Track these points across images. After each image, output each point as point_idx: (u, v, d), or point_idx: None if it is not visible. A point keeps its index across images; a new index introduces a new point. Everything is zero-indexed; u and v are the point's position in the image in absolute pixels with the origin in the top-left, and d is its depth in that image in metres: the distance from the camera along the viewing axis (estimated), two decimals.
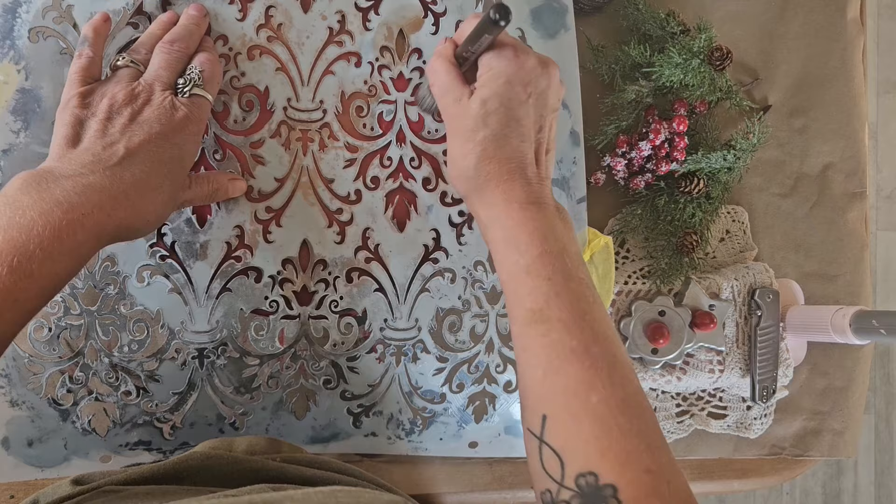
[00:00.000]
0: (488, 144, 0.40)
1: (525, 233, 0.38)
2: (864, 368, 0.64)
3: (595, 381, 0.35)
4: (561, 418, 0.35)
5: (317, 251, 0.50)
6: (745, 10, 0.62)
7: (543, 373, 0.36)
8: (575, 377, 0.35)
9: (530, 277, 0.38)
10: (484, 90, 0.40)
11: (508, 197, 0.39)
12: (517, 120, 0.40)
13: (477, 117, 0.40)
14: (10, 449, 0.46)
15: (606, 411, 0.34)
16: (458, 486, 0.56)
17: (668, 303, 0.57)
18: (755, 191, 0.62)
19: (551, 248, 0.38)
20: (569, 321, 0.36)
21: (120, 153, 0.39)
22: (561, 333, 0.36)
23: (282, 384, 0.50)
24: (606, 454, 0.33)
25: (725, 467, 0.62)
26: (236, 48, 0.48)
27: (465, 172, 0.41)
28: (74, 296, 0.47)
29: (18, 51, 0.46)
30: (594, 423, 0.34)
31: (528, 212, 0.39)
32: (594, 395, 0.34)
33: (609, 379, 0.35)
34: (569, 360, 0.35)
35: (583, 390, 0.35)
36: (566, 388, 0.35)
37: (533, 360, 0.37)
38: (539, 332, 0.37)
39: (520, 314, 0.38)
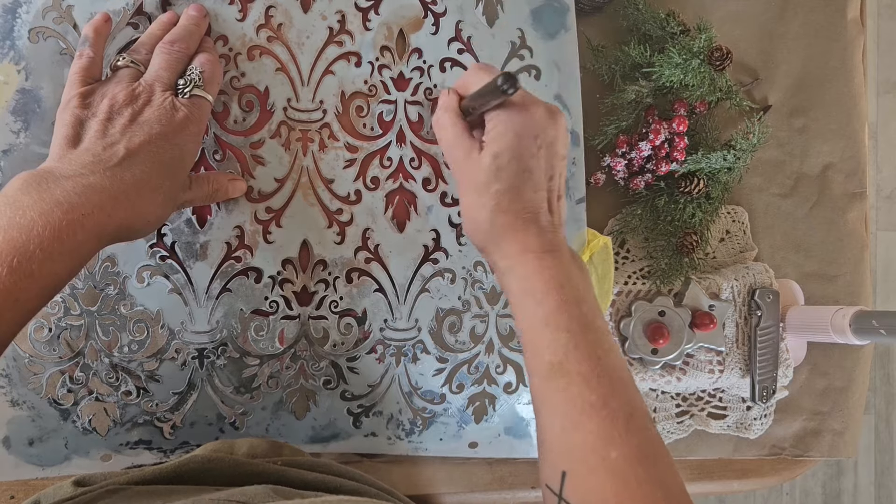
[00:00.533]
0: (502, 198, 0.40)
1: (542, 282, 0.39)
2: (864, 368, 0.64)
3: (614, 434, 0.35)
4: (581, 474, 0.35)
5: (317, 251, 0.50)
6: (745, 10, 0.62)
7: (562, 427, 0.36)
8: (594, 433, 0.35)
9: (549, 329, 0.38)
10: (494, 145, 0.40)
11: (524, 247, 0.40)
12: (529, 171, 0.40)
13: (489, 172, 0.40)
14: (11, 448, 0.46)
15: (626, 465, 0.34)
16: (458, 487, 0.56)
17: (668, 303, 0.57)
18: (755, 191, 0.62)
19: (568, 297, 0.38)
20: (588, 374, 0.36)
21: (120, 153, 0.39)
22: (580, 387, 0.36)
23: (282, 384, 0.50)
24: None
25: (725, 467, 0.62)
26: (236, 48, 0.48)
27: (481, 226, 0.41)
28: (74, 296, 0.47)
29: (18, 51, 0.46)
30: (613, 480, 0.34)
31: (544, 261, 0.39)
32: (613, 451, 0.34)
33: (627, 431, 0.35)
34: (588, 414, 0.35)
35: (602, 446, 0.35)
36: (585, 444, 0.35)
37: (552, 414, 0.37)
38: (559, 387, 0.37)
39: (539, 367, 0.38)
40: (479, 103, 0.41)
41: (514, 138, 0.40)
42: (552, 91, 0.53)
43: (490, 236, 0.41)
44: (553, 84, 0.53)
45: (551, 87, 0.53)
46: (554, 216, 0.42)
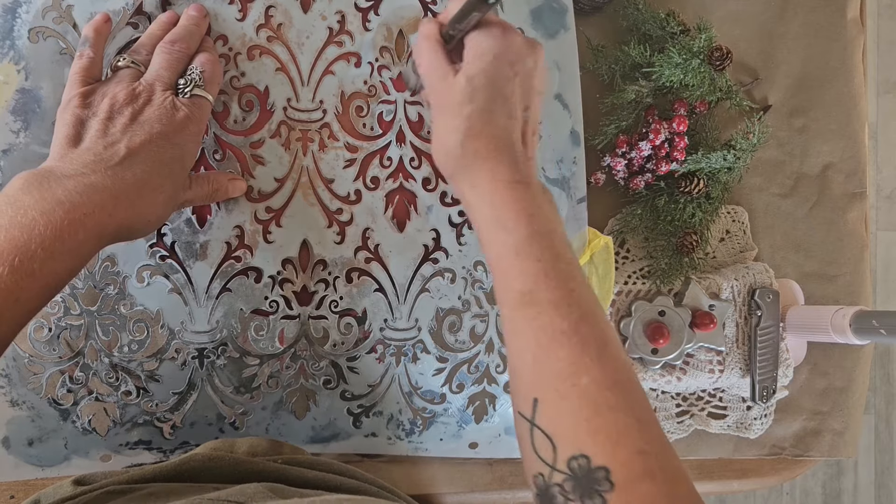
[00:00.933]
0: (475, 120, 0.39)
1: (513, 212, 0.38)
2: (864, 368, 0.64)
3: (585, 361, 0.35)
4: (552, 401, 0.35)
5: (317, 251, 0.50)
6: (744, 10, 0.62)
7: (533, 356, 0.36)
8: (565, 359, 0.35)
9: (519, 259, 0.37)
10: (471, 66, 0.40)
11: (495, 175, 0.39)
12: (504, 97, 0.40)
13: (464, 93, 0.39)
14: (11, 448, 0.46)
15: (597, 391, 0.34)
16: (458, 487, 0.56)
17: (668, 303, 0.57)
18: (755, 191, 0.62)
19: (540, 228, 0.38)
20: (558, 302, 0.36)
21: (121, 153, 0.39)
22: (551, 316, 0.36)
23: (282, 384, 0.50)
24: (598, 436, 0.33)
25: (725, 467, 0.62)
26: (236, 48, 0.48)
27: (452, 150, 0.40)
28: (74, 296, 0.47)
29: (18, 51, 0.46)
30: (585, 405, 0.34)
31: (515, 191, 0.38)
32: (584, 377, 0.34)
33: (598, 359, 0.35)
34: (559, 342, 0.35)
35: (573, 372, 0.34)
36: (557, 371, 0.35)
37: (523, 343, 0.37)
38: (529, 316, 0.36)
39: (509, 297, 0.38)
40: (460, 25, 0.41)
41: (491, 61, 0.39)
42: (552, 91, 0.53)
43: (460, 163, 0.40)
44: (553, 84, 0.53)
45: (552, 87, 0.53)
46: (528, 148, 0.41)
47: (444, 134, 0.41)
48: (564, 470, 0.33)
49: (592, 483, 0.32)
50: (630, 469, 0.32)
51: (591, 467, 0.32)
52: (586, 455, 0.33)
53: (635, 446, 0.33)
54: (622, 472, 0.32)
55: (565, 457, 0.33)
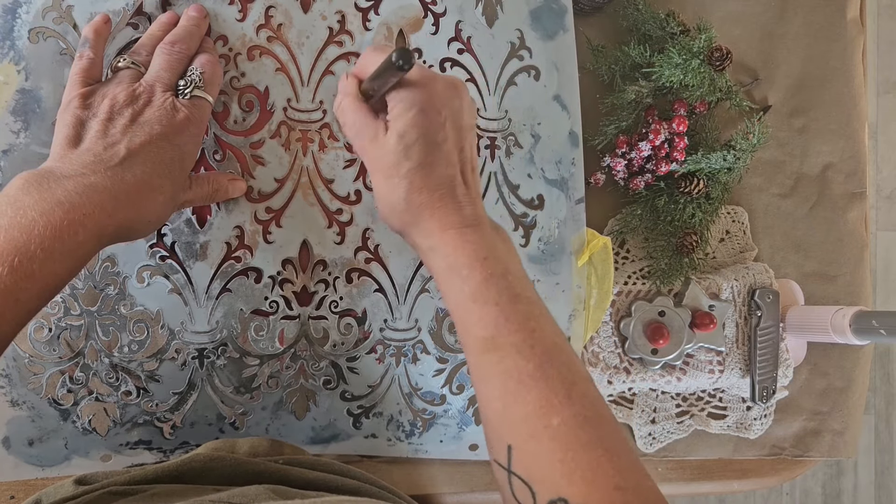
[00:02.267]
0: (414, 176, 0.39)
1: (465, 257, 0.38)
2: (864, 368, 0.64)
3: (554, 402, 0.35)
4: (525, 447, 0.35)
5: (317, 251, 0.50)
6: (744, 10, 0.62)
7: (503, 403, 0.36)
8: (534, 403, 0.35)
9: (477, 305, 0.37)
10: (398, 123, 0.39)
11: (443, 224, 0.39)
12: (437, 146, 0.40)
13: (398, 152, 0.39)
14: (11, 448, 0.46)
15: (567, 431, 0.34)
16: (458, 487, 0.56)
17: (668, 303, 0.57)
18: (755, 191, 0.62)
19: (494, 271, 0.38)
20: (521, 345, 0.36)
21: (121, 154, 0.39)
22: (515, 359, 0.36)
23: (282, 384, 0.50)
24: (573, 476, 0.33)
25: (725, 467, 0.62)
26: (236, 48, 0.48)
27: (396, 207, 0.40)
28: (74, 296, 0.47)
29: (18, 51, 0.46)
30: (558, 447, 0.34)
31: (465, 236, 0.39)
32: (555, 418, 0.34)
33: (568, 398, 0.35)
34: (527, 385, 0.35)
35: (543, 414, 0.34)
36: (527, 415, 0.35)
37: (491, 390, 0.37)
38: (493, 361, 0.36)
39: (471, 343, 0.38)
40: (379, 84, 0.40)
41: (417, 114, 0.39)
42: (551, 92, 0.53)
43: (408, 217, 0.40)
44: (552, 85, 0.53)
45: (550, 88, 0.53)
46: (470, 189, 0.41)
47: (385, 193, 0.41)
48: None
49: None
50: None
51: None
52: (564, 498, 0.33)
53: (611, 483, 0.33)
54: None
55: (544, 500, 0.33)
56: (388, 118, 0.40)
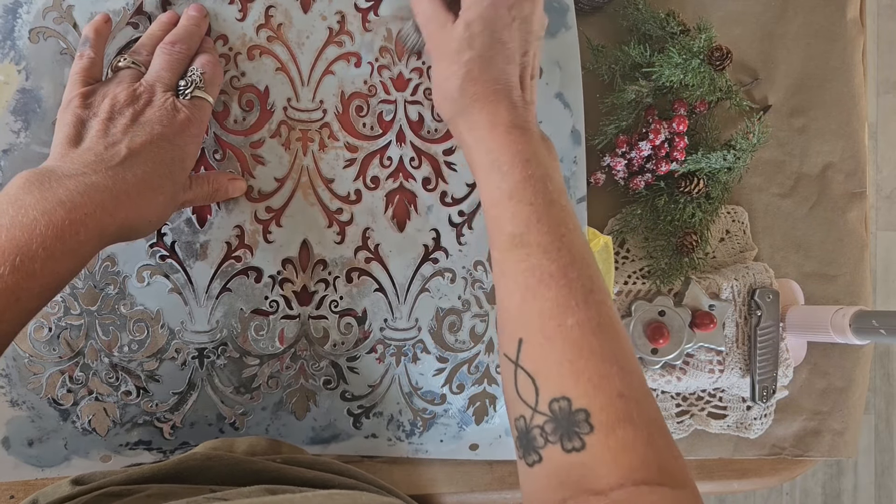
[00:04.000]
0: (473, 65, 0.40)
1: (508, 155, 0.38)
2: (864, 368, 0.64)
3: (571, 303, 0.35)
4: (536, 341, 0.35)
5: (317, 251, 0.50)
6: (744, 10, 0.62)
7: (521, 297, 0.36)
8: (552, 300, 0.35)
9: (512, 202, 0.38)
10: (468, 13, 0.40)
11: (493, 119, 0.39)
12: (502, 42, 0.40)
13: (462, 39, 0.40)
14: (11, 449, 0.46)
15: (580, 334, 0.34)
16: (458, 487, 0.56)
17: (668, 303, 0.57)
18: (755, 191, 0.62)
19: (534, 173, 0.38)
20: (548, 246, 0.36)
21: (122, 153, 0.39)
22: (540, 258, 0.36)
23: (282, 384, 0.50)
24: (580, 378, 0.33)
25: (725, 467, 0.62)
26: (236, 48, 0.48)
27: (450, 94, 0.41)
28: (74, 296, 0.47)
29: (19, 51, 0.46)
30: (569, 346, 0.34)
31: (512, 135, 0.39)
32: (570, 318, 0.34)
33: (585, 302, 0.35)
34: (546, 284, 0.35)
35: (559, 313, 0.35)
36: (542, 312, 0.35)
37: (511, 284, 0.37)
38: (518, 258, 0.37)
39: (500, 239, 0.38)
40: None
41: (488, 7, 0.40)
42: (553, 90, 0.53)
43: (459, 107, 0.40)
44: (554, 82, 0.53)
45: (553, 86, 0.53)
46: (525, 93, 0.41)
47: (443, 79, 0.41)
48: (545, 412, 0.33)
49: (572, 425, 0.32)
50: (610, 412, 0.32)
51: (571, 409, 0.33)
52: (567, 397, 0.33)
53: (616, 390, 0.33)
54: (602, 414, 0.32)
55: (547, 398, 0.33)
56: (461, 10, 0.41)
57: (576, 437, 0.32)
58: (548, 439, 0.33)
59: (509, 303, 0.37)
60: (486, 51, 0.40)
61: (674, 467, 0.32)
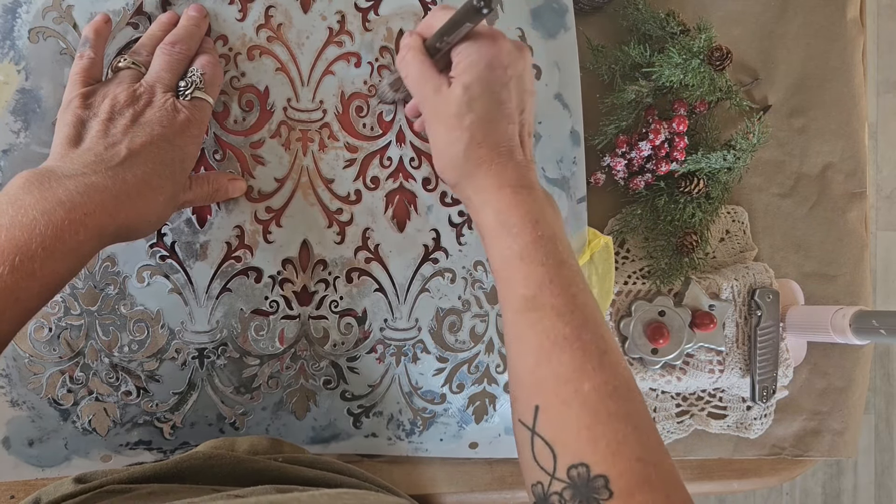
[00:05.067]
0: (476, 130, 0.40)
1: (517, 216, 0.38)
2: (864, 368, 0.64)
3: (587, 367, 0.35)
4: (553, 408, 0.35)
5: (317, 251, 0.50)
6: (744, 10, 0.62)
7: (535, 361, 0.36)
8: (567, 364, 0.35)
9: (524, 263, 0.38)
10: (465, 76, 0.40)
11: (500, 181, 0.39)
12: (501, 103, 0.40)
13: (461, 104, 0.40)
14: (11, 449, 0.46)
15: (598, 399, 0.34)
16: (459, 487, 0.56)
17: (668, 303, 0.57)
18: (755, 191, 0.62)
19: (544, 234, 0.38)
20: (561, 308, 0.36)
21: (122, 154, 0.39)
22: (554, 320, 0.36)
23: (282, 384, 0.50)
24: (598, 444, 0.33)
25: (725, 467, 0.62)
26: (236, 48, 0.48)
27: (454, 161, 0.40)
28: (75, 296, 0.47)
29: (18, 51, 0.46)
30: (586, 412, 0.34)
31: (519, 195, 0.39)
32: (586, 383, 0.34)
33: (601, 365, 0.35)
34: (561, 347, 0.35)
35: (575, 377, 0.35)
36: (558, 376, 0.35)
37: (525, 347, 0.37)
38: (532, 321, 0.37)
39: (513, 301, 0.38)
40: (451, 38, 0.40)
41: (484, 69, 0.39)
42: (552, 91, 0.53)
43: (464, 171, 0.40)
44: (553, 83, 0.53)
45: (552, 87, 0.53)
46: (526, 151, 0.41)
47: (445, 145, 0.41)
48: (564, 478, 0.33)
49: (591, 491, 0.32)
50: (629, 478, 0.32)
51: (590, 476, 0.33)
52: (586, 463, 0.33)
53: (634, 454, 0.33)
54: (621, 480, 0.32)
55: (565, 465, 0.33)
56: (453, 73, 0.41)
57: None
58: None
59: (523, 366, 0.37)
60: (487, 113, 0.40)
61: None
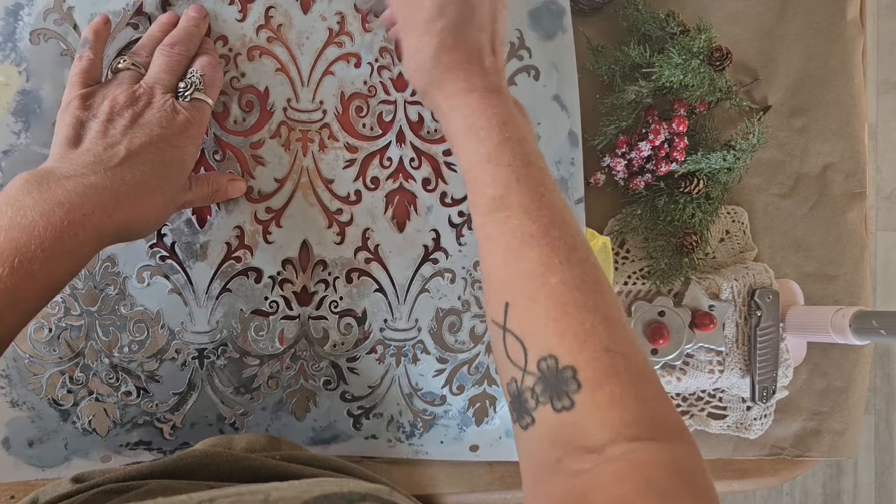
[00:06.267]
0: (446, 35, 0.40)
1: (485, 119, 0.38)
2: (864, 369, 0.64)
3: (554, 262, 0.35)
4: (522, 303, 0.35)
5: (317, 252, 0.50)
6: (744, 10, 0.62)
7: (504, 260, 0.36)
8: (535, 261, 0.35)
9: (491, 165, 0.38)
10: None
11: (469, 86, 0.39)
12: (473, 10, 0.40)
13: (433, 8, 0.40)
14: (11, 449, 0.46)
15: (565, 291, 0.34)
16: (459, 487, 0.56)
17: (668, 303, 0.57)
18: (755, 191, 0.62)
19: (511, 135, 0.38)
20: (528, 206, 0.36)
21: (121, 154, 0.39)
22: (521, 219, 0.36)
23: (282, 385, 0.50)
24: (565, 335, 0.33)
25: (725, 467, 0.62)
26: (236, 49, 0.48)
27: (423, 65, 0.41)
28: (75, 296, 0.47)
29: (20, 53, 0.46)
30: (553, 304, 0.34)
31: (487, 99, 0.39)
32: (553, 276, 0.34)
33: (568, 261, 0.35)
34: (528, 244, 0.35)
35: (542, 273, 0.35)
36: (526, 273, 0.35)
37: (493, 247, 0.37)
38: (500, 220, 0.37)
39: (481, 203, 0.38)
40: None
41: None
42: (551, 92, 0.53)
43: (433, 76, 0.40)
44: (552, 84, 0.53)
45: (550, 88, 0.53)
46: (497, 59, 0.41)
47: (416, 50, 0.41)
48: (535, 371, 0.33)
49: (560, 383, 0.32)
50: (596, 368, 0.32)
51: (558, 367, 0.32)
52: (554, 355, 0.33)
53: (602, 345, 0.33)
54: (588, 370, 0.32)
55: (535, 358, 0.33)
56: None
57: (565, 396, 0.32)
58: (538, 400, 0.33)
59: (493, 265, 0.37)
60: (458, 19, 0.40)
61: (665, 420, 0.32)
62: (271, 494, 0.31)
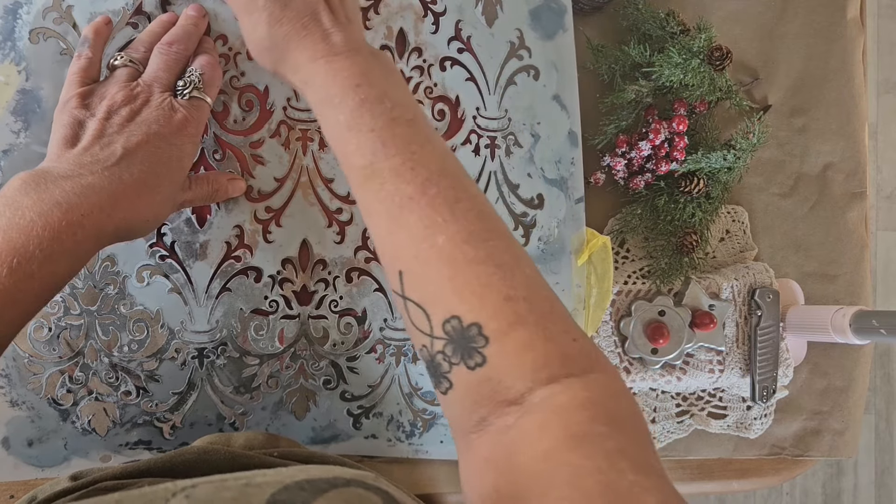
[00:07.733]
0: (273, 6, 0.38)
1: (336, 86, 0.37)
2: (864, 368, 0.63)
3: (437, 220, 0.34)
4: (414, 270, 0.34)
5: (316, 251, 0.50)
6: (744, 10, 0.62)
7: (388, 229, 0.35)
8: (417, 224, 0.34)
9: (352, 133, 0.36)
10: None
11: (312, 54, 0.38)
12: None
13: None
14: (10, 449, 0.46)
15: (453, 247, 0.33)
16: (459, 487, 0.56)
17: (668, 303, 0.57)
18: (755, 191, 0.62)
19: (367, 96, 0.36)
20: (400, 168, 0.35)
21: (118, 153, 0.39)
22: (395, 183, 0.35)
23: (281, 384, 0.50)
24: (463, 293, 0.32)
25: (725, 467, 0.62)
26: (236, 48, 0.48)
27: (262, 44, 0.39)
28: (74, 296, 0.47)
29: (19, 52, 0.46)
30: (444, 264, 0.33)
31: (334, 64, 0.37)
32: (439, 236, 0.33)
33: (452, 216, 0.34)
34: (409, 208, 0.34)
35: (428, 234, 0.34)
36: (411, 237, 0.34)
37: (376, 219, 0.36)
38: (374, 189, 0.35)
39: (353, 175, 0.37)
40: None
41: None
42: (550, 91, 0.53)
43: (276, 54, 0.39)
44: (551, 84, 0.53)
45: (550, 88, 0.53)
46: (338, 16, 0.39)
47: (249, 31, 0.40)
48: (441, 335, 0.33)
49: (468, 342, 0.32)
50: (500, 319, 0.32)
51: (463, 326, 0.32)
52: (457, 315, 0.32)
53: (501, 294, 0.32)
54: (492, 323, 0.32)
55: (439, 322, 0.33)
56: None
57: (475, 353, 0.32)
58: (451, 362, 0.32)
59: (379, 237, 0.36)
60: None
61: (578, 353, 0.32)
62: (255, 479, 0.30)
